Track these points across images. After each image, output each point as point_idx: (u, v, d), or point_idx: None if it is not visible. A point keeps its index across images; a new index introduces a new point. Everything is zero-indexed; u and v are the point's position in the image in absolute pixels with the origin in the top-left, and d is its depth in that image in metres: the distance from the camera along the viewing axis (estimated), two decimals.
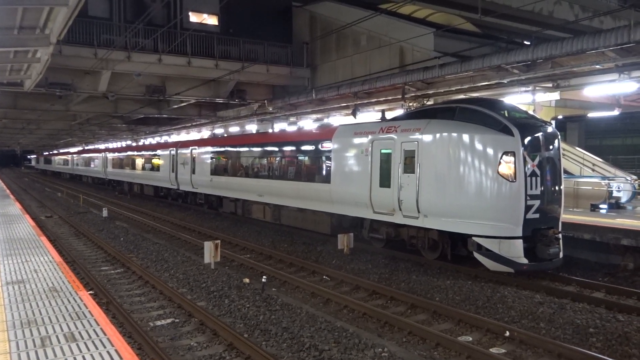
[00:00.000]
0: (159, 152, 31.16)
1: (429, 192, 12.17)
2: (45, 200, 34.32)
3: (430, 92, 16.33)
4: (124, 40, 19.76)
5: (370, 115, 19.38)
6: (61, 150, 75.29)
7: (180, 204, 29.54)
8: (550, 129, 12.01)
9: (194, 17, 23.66)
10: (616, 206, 16.64)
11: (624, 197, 17.23)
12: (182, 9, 23.15)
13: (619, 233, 12.40)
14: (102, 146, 53.46)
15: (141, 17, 17.75)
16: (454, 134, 11.83)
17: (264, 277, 11.63)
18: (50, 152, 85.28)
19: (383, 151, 13.57)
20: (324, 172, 16.05)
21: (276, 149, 19.06)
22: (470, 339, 8.44)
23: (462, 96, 16.07)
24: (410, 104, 17.03)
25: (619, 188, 17.07)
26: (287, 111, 23.26)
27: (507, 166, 11.13)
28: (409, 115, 14.17)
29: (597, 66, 12.28)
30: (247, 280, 11.85)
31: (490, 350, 7.90)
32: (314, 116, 22.83)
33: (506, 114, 11.76)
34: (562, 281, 11.68)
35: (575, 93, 15.16)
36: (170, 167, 28.55)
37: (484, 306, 10.01)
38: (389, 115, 18.65)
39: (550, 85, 14.00)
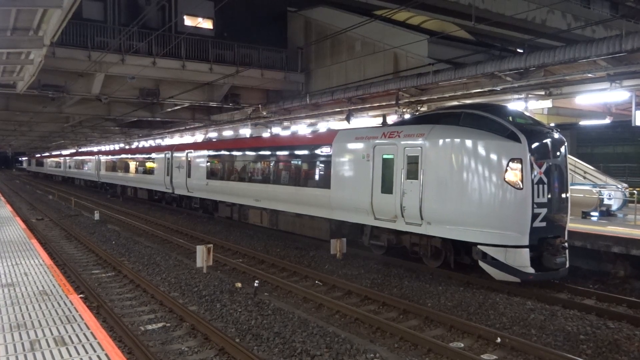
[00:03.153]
0: (153, 155, 30.85)
1: (433, 198, 11.93)
2: (36, 203, 34.08)
3: (424, 98, 16.40)
4: (118, 43, 19.71)
5: (364, 121, 19.42)
6: (53, 153, 74.77)
7: (174, 208, 29.25)
8: (557, 136, 11.84)
9: (188, 21, 23.67)
10: (607, 214, 16.77)
11: (614, 204, 17.36)
12: (177, 13, 23.14)
13: (609, 240, 12.49)
14: (95, 149, 52.93)
15: (136, 20, 17.76)
16: (459, 140, 11.61)
17: (257, 281, 11.59)
18: (42, 154, 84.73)
19: (385, 156, 13.32)
20: (323, 177, 15.73)
21: (274, 153, 18.75)
22: (462, 345, 8.46)
23: (455, 102, 16.15)
24: (404, 110, 17.08)
25: (609, 196, 17.19)
26: (281, 116, 23.26)
27: (513, 173, 10.94)
28: (412, 120, 13.96)
29: (589, 75, 12.38)
30: (239, 284, 11.81)
31: (482, 356, 7.93)
32: (308, 121, 22.86)
33: (512, 120, 11.59)
34: (553, 288, 11.72)
35: (567, 101, 15.27)
36: (165, 171, 28.21)
37: (476, 312, 10.04)
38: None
39: (543, 93, 14.09)
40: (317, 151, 16.11)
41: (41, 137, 50.53)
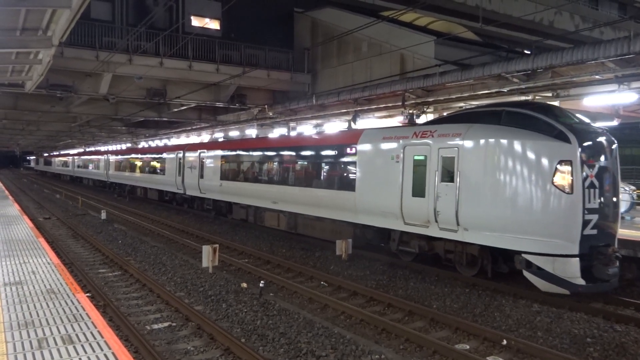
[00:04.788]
0: (164, 155, 30.18)
1: (471, 203, 11.14)
2: (44, 202, 34.29)
3: (431, 99, 16.36)
4: (126, 43, 19.81)
5: (370, 122, 19.38)
6: (62, 152, 75.04)
7: (185, 209, 28.56)
8: (607, 136, 11.04)
9: (195, 22, 23.73)
10: None
11: (622, 207, 17.22)
12: (184, 13, 23.21)
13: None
14: (104, 148, 52.47)
15: (143, 21, 17.85)
16: (502, 140, 10.82)
17: (262, 281, 11.62)
18: (50, 154, 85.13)
19: (416, 157, 12.56)
20: (347, 179, 14.93)
21: (294, 153, 17.93)
22: (468, 347, 8.43)
23: (461, 104, 16.10)
24: (411, 111, 17.05)
25: None
26: (287, 116, 23.29)
27: (563, 176, 10.15)
28: (446, 119, 13.17)
29: (597, 76, 12.30)
30: (244, 284, 11.84)
31: (488, 358, 7.90)
32: (314, 122, 22.86)
33: (560, 119, 10.80)
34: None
35: (574, 103, 15.16)
36: (176, 171, 27.54)
37: (482, 314, 10.01)
38: (389, 122, 18.71)
39: (550, 94, 14.02)
40: (341, 151, 15.35)
41: (49, 136, 50.81)
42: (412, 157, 12.72)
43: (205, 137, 33.61)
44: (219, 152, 23.40)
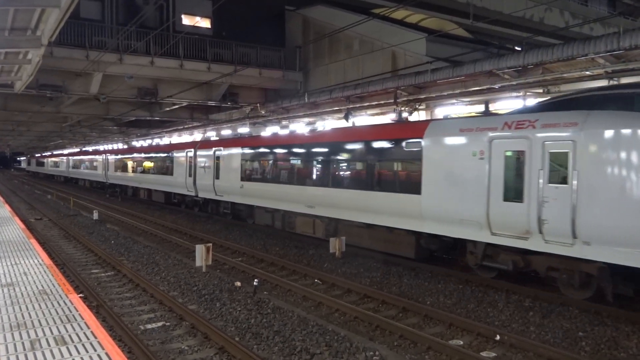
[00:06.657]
0: (173, 154, 27.42)
1: (598, 210, 8.97)
2: (35, 203, 34.05)
3: (422, 96, 16.42)
4: (116, 43, 19.71)
5: (363, 120, 19.42)
6: (55, 152, 74.08)
7: (193, 212, 26.39)
8: None
9: (186, 20, 23.67)
10: None
11: None
12: (175, 12, 23.14)
13: None
14: (102, 147, 49.72)
15: (134, 20, 17.75)
16: None
17: (256, 280, 11.61)
18: (43, 154, 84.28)
19: (509, 153, 10.52)
20: (410, 180, 12.92)
21: (340, 149, 15.45)
22: (461, 342, 8.48)
23: (453, 101, 16.16)
24: (402, 108, 17.08)
25: None
26: (280, 115, 23.29)
27: None
28: (549, 106, 10.87)
29: (587, 72, 12.39)
30: (238, 283, 11.83)
31: (481, 354, 7.95)
32: (307, 120, 22.88)
33: None
34: (551, 287, 11.65)
35: None
36: (187, 171, 25.14)
37: (475, 310, 10.07)
38: (382, 120, 18.75)
39: (541, 90, 14.10)
40: (401, 147, 13.08)
41: (39, 137, 50.44)
42: (502, 152, 10.64)
43: (198, 136, 33.48)
44: (240, 150, 20.67)
